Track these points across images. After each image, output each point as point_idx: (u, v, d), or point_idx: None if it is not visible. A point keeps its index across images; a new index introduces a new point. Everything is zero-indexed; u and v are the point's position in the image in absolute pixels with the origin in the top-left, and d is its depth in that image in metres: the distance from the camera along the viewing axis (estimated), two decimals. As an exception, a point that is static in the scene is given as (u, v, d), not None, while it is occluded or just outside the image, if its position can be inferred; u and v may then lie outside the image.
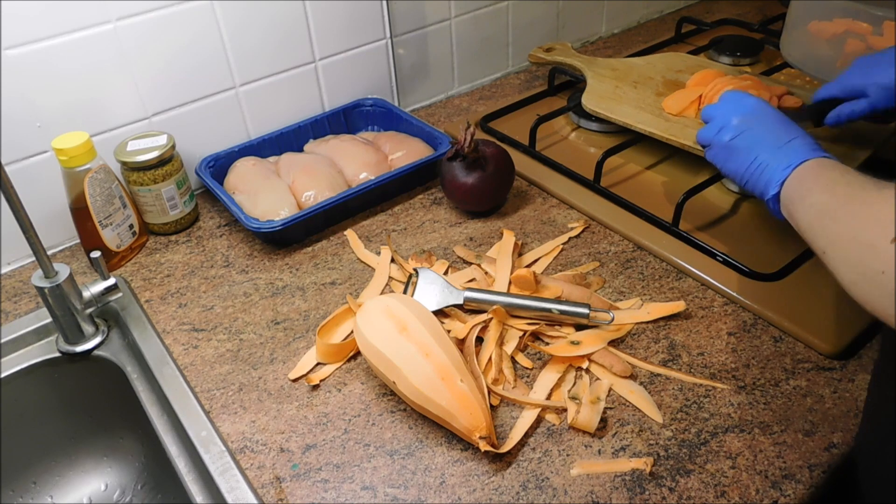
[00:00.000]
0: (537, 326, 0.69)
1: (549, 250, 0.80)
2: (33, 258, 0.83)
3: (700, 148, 0.81)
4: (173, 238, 0.86)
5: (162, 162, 0.81)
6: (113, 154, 0.81)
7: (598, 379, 0.65)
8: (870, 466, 0.54)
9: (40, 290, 0.67)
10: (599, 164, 0.86)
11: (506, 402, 0.63)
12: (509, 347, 0.68)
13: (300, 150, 0.96)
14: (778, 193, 0.60)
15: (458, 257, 0.80)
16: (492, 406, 0.63)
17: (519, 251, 0.80)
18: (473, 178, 0.82)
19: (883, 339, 0.57)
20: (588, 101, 0.93)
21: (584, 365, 0.66)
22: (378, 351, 0.62)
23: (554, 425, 0.61)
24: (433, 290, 0.73)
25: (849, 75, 0.74)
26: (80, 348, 0.73)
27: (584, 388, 0.63)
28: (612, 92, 0.95)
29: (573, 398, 0.62)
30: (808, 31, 0.99)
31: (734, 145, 0.65)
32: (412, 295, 0.73)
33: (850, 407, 0.61)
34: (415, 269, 0.75)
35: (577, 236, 0.82)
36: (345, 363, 0.68)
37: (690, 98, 0.88)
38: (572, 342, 0.67)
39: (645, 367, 0.66)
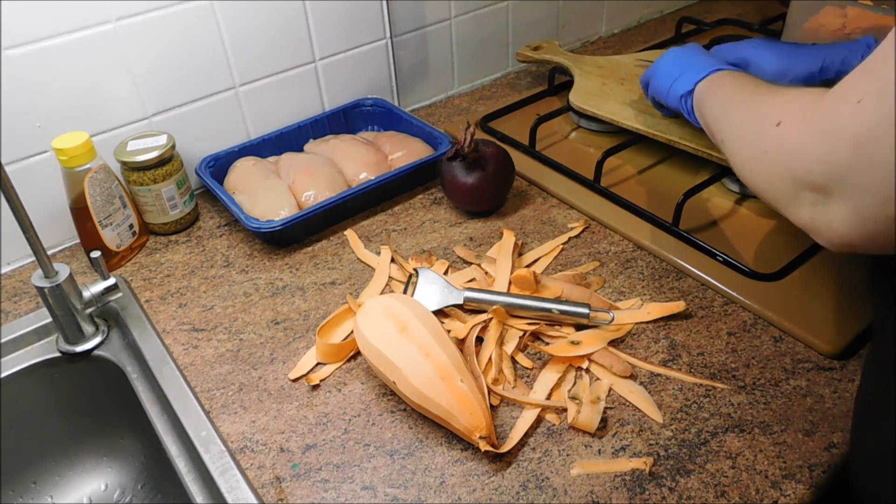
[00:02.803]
0: (537, 326, 0.69)
1: (549, 250, 0.80)
2: (33, 258, 0.83)
3: (688, 144, 0.82)
4: (173, 238, 0.86)
5: (162, 162, 0.81)
6: (113, 154, 0.81)
7: (598, 379, 0.65)
8: (864, 474, 0.54)
9: (40, 290, 0.67)
10: (599, 164, 0.86)
11: (506, 402, 0.63)
12: (509, 347, 0.68)
13: (300, 150, 0.96)
14: (691, 91, 0.71)
15: (458, 257, 0.80)
16: (492, 406, 0.63)
17: (519, 251, 0.80)
18: (473, 178, 0.82)
19: (873, 344, 0.57)
20: (575, 98, 0.94)
21: (584, 365, 0.66)
22: (378, 351, 0.62)
23: (554, 425, 0.61)
24: (433, 290, 0.73)
25: (743, 46, 0.83)
26: (80, 348, 0.73)
27: (585, 388, 0.63)
28: (600, 89, 0.95)
29: (573, 398, 0.62)
30: (804, 30, 0.99)
31: (663, 71, 0.78)
32: (412, 295, 0.73)
33: (851, 407, 0.61)
34: (415, 269, 0.75)
35: (577, 236, 0.82)
36: (345, 363, 0.68)
37: None
38: (572, 342, 0.67)
39: (645, 367, 0.65)
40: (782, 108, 0.49)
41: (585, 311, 0.68)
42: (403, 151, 0.91)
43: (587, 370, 0.65)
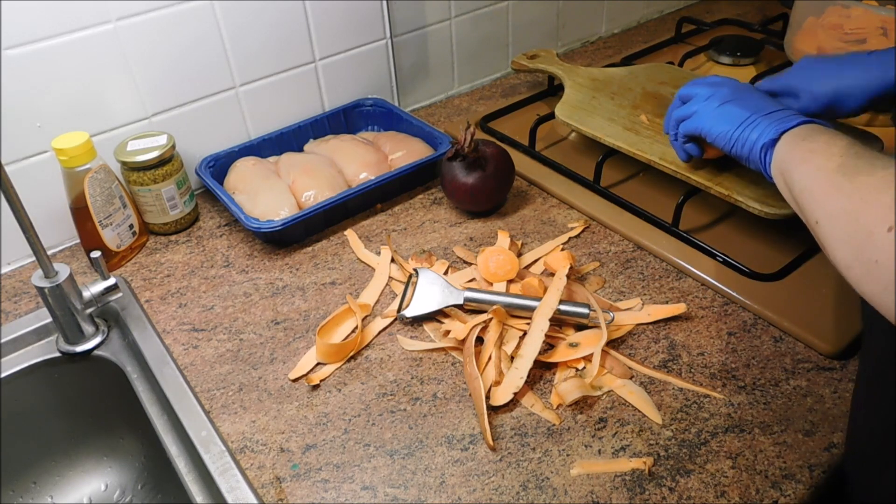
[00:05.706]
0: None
1: (549, 250, 0.80)
2: (33, 258, 0.83)
3: (667, 165, 0.80)
4: (173, 238, 0.86)
5: (162, 162, 0.81)
6: (113, 154, 0.81)
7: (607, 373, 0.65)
8: (860, 477, 0.54)
9: (40, 290, 0.67)
10: (599, 165, 0.86)
11: (505, 403, 0.63)
12: (509, 347, 0.68)
13: (300, 150, 0.96)
14: (774, 141, 0.60)
15: (458, 257, 0.80)
16: (492, 406, 0.63)
17: (519, 251, 0.79)
18: (473, 178, 0.82)
19: (865, 342, 0.56)
20: (561, 111, 0.92)
21: (581, 366, 0.66)
22: None
23: (554, 425, 0.61)
24: (433, 290, 0.73)
25: (789, 75, 0.74)
26: (80, 348, 0.73)
27: (591, 374, 0.64)
28: (588, 102, 0.94)
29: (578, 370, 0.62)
30: (804, 30, 0.99)
31: (726, 109, 0.67)
32: (412, 295, 0.73)
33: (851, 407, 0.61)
34: (415, 269, 0.75)
35: (577, 236, 0.82)
36: (345, 363, 0.68)
37: None
38: (570, 344, 0.67)
39: (644, 371, 0.65)
40: (891, 205, 0.41)
41: (585, 311, 0.68)
42: (403, 151, 0.91)
43: (584, 369, 0.65)
